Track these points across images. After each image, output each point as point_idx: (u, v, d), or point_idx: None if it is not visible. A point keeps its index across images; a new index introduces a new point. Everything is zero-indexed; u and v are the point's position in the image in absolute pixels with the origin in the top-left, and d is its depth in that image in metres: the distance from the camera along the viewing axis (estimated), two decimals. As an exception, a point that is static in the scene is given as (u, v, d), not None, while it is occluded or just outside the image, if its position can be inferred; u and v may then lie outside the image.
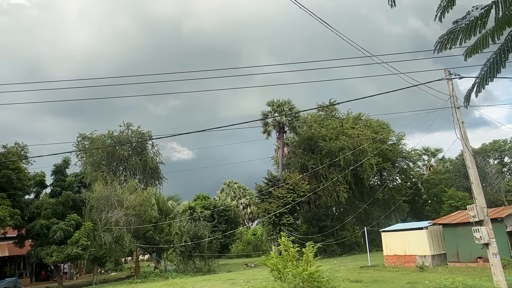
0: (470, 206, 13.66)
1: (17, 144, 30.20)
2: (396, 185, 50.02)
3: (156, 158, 43.08)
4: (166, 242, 34.11)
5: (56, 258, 27.61)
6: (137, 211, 31.25)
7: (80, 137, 40.44)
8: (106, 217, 29.99)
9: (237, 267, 36.73)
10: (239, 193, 70.83)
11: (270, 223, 37.71)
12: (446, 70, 14.25)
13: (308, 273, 9.60)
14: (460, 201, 40.30)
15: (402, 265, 24.32)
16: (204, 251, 34.85)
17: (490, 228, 13.26)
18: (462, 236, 21.67)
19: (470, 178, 13.89)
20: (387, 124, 47.61)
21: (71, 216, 29.37)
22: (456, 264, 21.99)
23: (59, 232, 27.87)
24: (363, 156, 40.16)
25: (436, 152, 59.36)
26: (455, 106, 13.92)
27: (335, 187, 41.18)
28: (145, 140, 40.77)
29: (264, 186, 39.88)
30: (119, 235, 30.30)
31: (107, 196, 30.93)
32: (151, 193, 35.18)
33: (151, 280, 29.19)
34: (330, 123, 44.93)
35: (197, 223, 35.94)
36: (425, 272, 20.89)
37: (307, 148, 44.53)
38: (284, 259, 10.54)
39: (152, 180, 42.47)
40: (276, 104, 42.99)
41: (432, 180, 50.78)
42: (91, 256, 29.11)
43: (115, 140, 40.39)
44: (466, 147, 13.83)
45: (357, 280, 18.62)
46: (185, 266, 34.15)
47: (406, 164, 53.10)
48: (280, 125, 43.62)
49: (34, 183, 30.93)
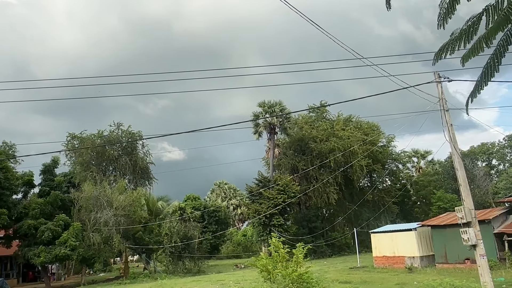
0: (458, 208, 13.77)
1: (4, 143, 29.83)
2: (386, 186, 50.41)
3: (146, 158, 42.90)
4: (156, 243, 33.95)
5: (44, 258, 27.29)
6: (126, 212, 31.05)
7: (69, 137, 40.10)
8: (95, 218, 29.75)
9: (227, 268, 36.68)
10: (229, 194, 70.76)
11: (261, 224, 37.71)
12: (435, 73, 14.36)
13: (298, 274, 9.61)
14: (448, 203, 40.70)
15: (391, 266, 24.49)
16: (194, 252, 34.74)
17: (478, 230, 13.37)
18: (450, 238, 21.88)
19: (459, 180, 14.02)
20: (377, 126, 47.99)
21: (60, 217, 29.06)
22: (444, 265, 22.19)
23: (47, 233, 27.56)
24: (353, 157, 40.38)
25: (425, 154, 59.90)
26: (444, 108, 14.04)
27: (325, 189, 41.34)
28: (135, 140, 40.56)
29: (254, 187, 39.88)
30: (108, 235, 30.07)
31: (97, 196, 30.69)
32: (141, 194, 34.98)
33: (140, 281, 29.03)
34: (320, 125, 45.11)
35: (187, 223, 35.84)
36: (413, 273, 21.06)
37: (297, 149, 44.65)
38: (274, 260, 10.54)
39: (142, 181, 42.26)
40: (267, 105, 43.08)
41: (421, 182, 51.24)
42: (80, 257, 28.83)
43: (105, 140, 40.11)
44: (455, 149, 13.96)
45: (346, 281, 18.69)
46: (175, 267, 34.00)
47: (396, 166, 53.52)
48: (271, 126, 43.72)
49: (22, 183, 30.54)
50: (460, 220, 13.54)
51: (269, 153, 45.05)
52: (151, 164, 43.58)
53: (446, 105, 14.06)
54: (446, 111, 14.05)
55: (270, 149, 44.57)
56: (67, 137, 39.94)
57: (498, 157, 56.51)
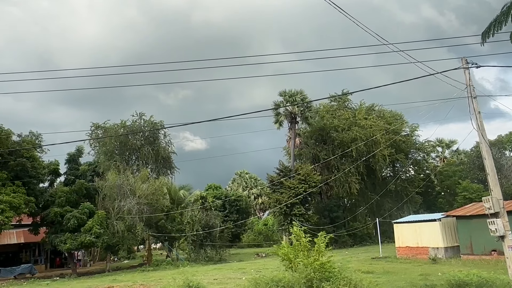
0: (486, 198, 13.40)
1: (31, 133, 30.57)
2: (409, 176, 49.50)
3: (168, 148, 43.31)
4: (178, 231, 34.36)
5: (70, 245, 28.01)
6: (149, 200, 31.46)
7: (93, 127, 40.80)
8: (119, 206, 30.27)
9: (248, 257, 36.90)
10: (250, 183, 70.91)
11: (281, 214, 37.70)
12: (463, 59, 13.89)
13: (320, 263, 9.53)
14: (474, 193, 39.71)
15: (414, 257, 24.15)
16: (215, 241, 35.03)
17: (506, 221, 13.00)
18: (476, 229, 21.39)
19: (486, 169, 13.62)
20: (401, 115, 47.05)
21: (84, 205, 29.72)
22: (470, 257, 21.74)
23: (72, 220, 28.23)
24: (376, 147, 39.78)
25: (450, 144, 58.47)
26: (471, 95, 13.60)
27: (347, 178, 40.94)
28: (158, 129, 40.94)
29: (275, 177, 39.83)
30: (131, 223, 30.59)
31: (120, 185, 31.18)
32: (163, 183, 35.37)
33: (163, 268, 29.47)
34: (342, 114, 44.51)
35: (209, 212, 36.09)
36: (437, 264, 20.70)
37: (319, 138, 44.26)
38: (295, 249, 10.48)
39: (164, 170, 42.74)
40: (288, 94, 42.75)
41: (445, 172, 50.11)
42: (104, 244, 29.45)
43: (128, 130, 40.65)
44: (483, 138, 13.53)
45: (368, 271, 18.51)
46: (197, 255, 34.37)
47: (420, 155, 52.44)
48: (292, 116, 43.44)
49: (48, 172, 31.31)
50: (487, 210, 13.19)
51: (290, 142, 44.83)
52: (173, 153, 44.04)
53: (474, 92, 13.61)
54: (474, 98, 13.60)
55: (291, 138, 44.34)
56: (91, 127, 40.70)
57: (527, 147, 54.66)
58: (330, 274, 9.47)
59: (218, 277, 20.42)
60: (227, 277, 20.27)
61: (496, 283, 10.35)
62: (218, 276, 20.93)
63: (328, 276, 9.39)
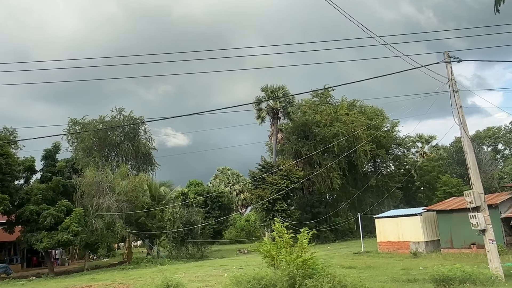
0: (467, 192, 13.43)
1: (5, 128, 29.53)
2: (390, 172, 50.07)
3: (148, 143, 42.60)
4: (159, 228, 33.85)
5: (47, 244, 27.19)
6: (129, 197, 30.86)
7: (71, 122, 39.76)
8: (98, 203, 29.57)
9: (230, 253, 36.66)
10: (232, 179, 70.67)
11: (264, 210, 37.57)
12: (445, 53, 13.86)
13: (303, 260, 9.32)
14: (454, 188, 40.37)
15: (395, 251, 24.30)
16: (197, 237, 34.68)
17: (487, 214, 13.06)
18: (456, 223, 21.63)
19: (468, 164, 13.64)
20: (382, 110, 47.46)
21: (62, 202, 28.87)
22: (450, 251, 21.97)
23: (49, 218, 27.41)
24: (357, 142, 39.97)
25: (429, 139, 59.35)
26: (453, 89, 13.59)
27: (329, 174, 41.04)
28: (137, 123, 40.15)
29: (257, 172, 39.64)
30: (110, 221, 29.93)
31: (99, 181, 30.45)
32: (143, 179, 34.75)
33: (144, 266, 28.97)
34: (324, 109, 44.59)
35: (190, 209, 35.71)
36: (418, 259, 20.83)
37: (301, 134, 44.23)
38: (278, 245, 10.26)
39: (145, 166, 42.06)
40: (270, 90, 42.55)
41: (425, 167, 50.83)
42: (83, 242, 28.71)
43: (107, 125, 39.79)
44: (464, 132, 13.54)
45: (350, 266, 18.49)
46: (178, 252, 33.98)
47: (400, 151, 53.05)
48: (274, 111, 43.28)
49: (23, 168, 30.29)
50: (469, 204, 13.22)
51: (272, 138, 44.69)
52: (154, 149, 43.36)
53: (456, 86, 13.60)
54: (456, 92, 13.59)
55: (273, 134, 44.19)
56: (68, 123, 39.64)
57: (504, 142, 55.86)
58: (313, 271, 9.28)
59: (199, 274, 20.10)
60: (209, 274, 19.98)
61: (479, 277, 10.35)
62: (199, 273, 20.62)
63: (311, 273, 9.19)
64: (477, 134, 52.34)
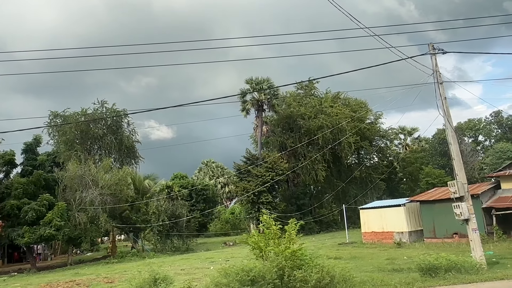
0: (451, 183, 13.62)
1: (-17, 121, 28.77)
2: (373, 163, 50.59)
3: (132, 136, 42.10)
4: (143, 222, 33.55)
5: (28, 239, 26.72)
6: (112, 191, 30.48)
7: (52, 115, 38.95)
8: (81, 197, 29.14)
9: (215, 246, 36.63)
10: (217, 172, 70.51)
11: (249, 202, 37.61)
12: (429, 45, 13.96)
13: (291, 251, 9.32)
14: (436, 179, 41.04)
15: (379, 241, 24.60)
16: (182, 230, 34.53)
17: (470, 204, 13.28)
18: (439, 213, 21.99)
19: (452, 155, 13.83)
20: (365, 103, 47.75)
21: (43, 196, 28.37)
22: (433, 240, 22.34)
23: (30, 213, 26.91)
24: (342, 134, 40.21)
25: (412, 131, 60.11)
26: (438, 81, 13.71)
27: (314, 166, 41.23)
28: (120, 115, 39.56)
29: (242, 165, 39.60)
30: (94, 215, 29.59)
31: (81, 175, 29.99)
32: (127, 172, 34.35)
33: (128, 260, 28.72)
34: (309, 102, 44.68)
35: (175, 202, 35.50)
36: (402, 248, 21.14)
37: (286, 126, 44.27)
38: (266, 237, 10.24)
39: (128, 159, 41.58)
40: (255, 82, 42.41)
41: (408, 158, 51.56)
42: (65, 237, 28.30)
43: (89, 118, 39.12)
44: (449, 123, 13.70)
45: (336, 257, 18.61)
46: (163, 246, 33.80)
47: (383, 142, 53.62)
48: (259, 103, 43.19)
49: (3, 162, 29.64)
50: (453, 194, 13.41)
51: (257, 130, 44.64)
52: (137, 142, 42.87)
53: (440, 78, 13.72)
54: (440, 83, 13.71)
55: (258, 126, 44.13)
56: (49, 116, 38.82)
57: (484, 133, 57.03)
58: (302, 262, 9.29)
59: (185, 267, 20.03)
60: (195, 267, 19.92)
61: (464, 266, 10.52)
62: (185, 266, 20.55)
63: (299, 264, 9.20)
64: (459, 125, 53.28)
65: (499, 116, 55.94)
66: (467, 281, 10.40)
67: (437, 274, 10.77)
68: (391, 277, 11.87)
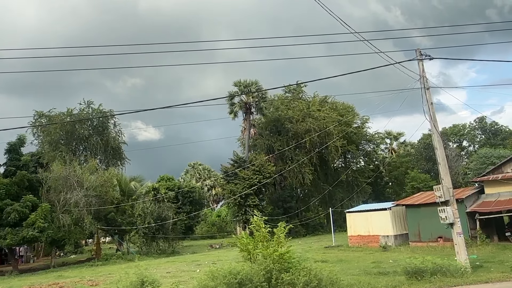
0: (437, 187, 13.79)
1: (-35, 120, 28.19)
2: (360, 167, 50.99)
3: (118, 137, 41.73)
4: (129, 224, 33.21)
5: (10, 241, 26.15)
6: (98, 192, 30.12)
7: (37, 115, 38.40)
8: (65, 198, 28.69)
9: (201, 249, 36.43)
10: (204, 174, 70.24)
11: (236, 205, 37.53)
12: (417, 50, 14.15)
13: (279, 254, 9.33)
14: (422, 183, 41.44)
15: (365, 245, 24.75)
16: (168, 233, 34.27)
17: (455, 208, 13.46)
18: (424, 217, 22.23)
19: (437, 159, 14.01)
20: (352, 107, 48.15)
21: (27, 197, 27.83)
22: (418, 244, 22.56)
23: (13, 214, 26.36)
24: (329, 138, 40.44)
25: (398, 136, 60.80)
26: (425, 86, 13.89)
27: (301, 169, 41.38)
28: (106, 116, 39.19)
29: (230, 168, 39.53)
30: (78, 216, 29.17)
31: (66, 176, 29.55)
32: (112, 174, 34.02)
33: (113, 263, 28.40)
34: (296, 105, 44.87)
35: (161, 204, 35.25)
36: (388, 252, 21.32)
37: (273, 129, 44.36)
38: (255, 239, 10.22)
39: (114, 161, 41.24)
40: (243, 85, 42.41)
41: (393, 163, 52.08)
42: (49, 239, 27.80)
43: (75, 119, 38.67)
44: (435, 128, 13.88)
45: (322, 260, 18.66)
46: (148, 248, 33.50)
47: (370, 147, 54.11)
48: (247, 106, 43.19)
49: (-15, 163, 29.08)
50: (438, 198, 13.57)
51: (244, 133, 44.61)
52: (123, 143, 42.52)
53: (427, 83, 13.91)
54: (427, 89, 13.89)
55: (245, 129, 44.12)
56: (34, 116, 38.29)
57: (469, 139, 57.96)
58: (290, 265, 9.30)
59: (171, 270, 19.87)
60: (181, 269, 19.78)
61: (449, 269, 10.65)
62: (171, 269, 20.38)
63: (287, 267, 9.21)
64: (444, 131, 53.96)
65: (483, 122, 56.95)
66: (453, 284, 10.55)
67: (423, 277, 10.88)
68: (378, 280, 11.97)
